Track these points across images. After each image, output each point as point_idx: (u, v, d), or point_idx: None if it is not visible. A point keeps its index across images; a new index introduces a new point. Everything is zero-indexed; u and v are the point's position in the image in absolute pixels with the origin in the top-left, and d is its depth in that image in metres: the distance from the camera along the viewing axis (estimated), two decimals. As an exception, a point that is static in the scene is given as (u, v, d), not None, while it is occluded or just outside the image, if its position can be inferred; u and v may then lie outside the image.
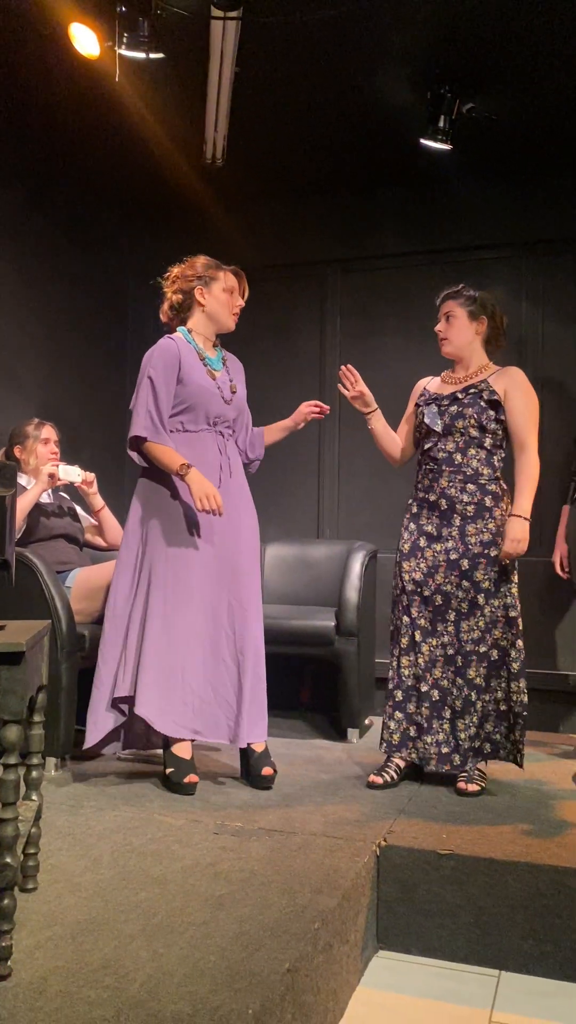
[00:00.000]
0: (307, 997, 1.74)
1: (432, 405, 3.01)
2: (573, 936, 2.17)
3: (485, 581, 2.88)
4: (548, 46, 3.39)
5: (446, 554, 2.93)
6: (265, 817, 2.58)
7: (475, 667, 2.88)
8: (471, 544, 2.90)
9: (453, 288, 3.09)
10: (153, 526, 2.91)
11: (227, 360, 3.11)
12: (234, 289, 3.04)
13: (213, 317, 3.02)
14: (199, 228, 4.83)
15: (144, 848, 2.30)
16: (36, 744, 2.02)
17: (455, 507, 2.93)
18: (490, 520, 2.90)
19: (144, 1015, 1.47)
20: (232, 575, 2.93)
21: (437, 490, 2.97)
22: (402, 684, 2.97)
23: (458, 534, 2.92)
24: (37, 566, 3.10)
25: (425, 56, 3.51)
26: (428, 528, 2.98)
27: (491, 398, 2.93)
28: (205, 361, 2.99)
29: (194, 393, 2.91)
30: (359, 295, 4.79)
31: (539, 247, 4.44)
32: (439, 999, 2.07)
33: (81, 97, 3.73)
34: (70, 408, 4.53)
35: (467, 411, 2.93)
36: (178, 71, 3.55)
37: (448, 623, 2.93)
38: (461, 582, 2.90)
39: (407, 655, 2.96)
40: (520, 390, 2.94)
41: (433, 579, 2.94)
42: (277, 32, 3.33)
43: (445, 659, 2.92)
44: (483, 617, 2.88)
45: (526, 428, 2.93)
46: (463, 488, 2.93)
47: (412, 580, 2.96)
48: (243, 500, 3.02)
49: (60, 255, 4.51)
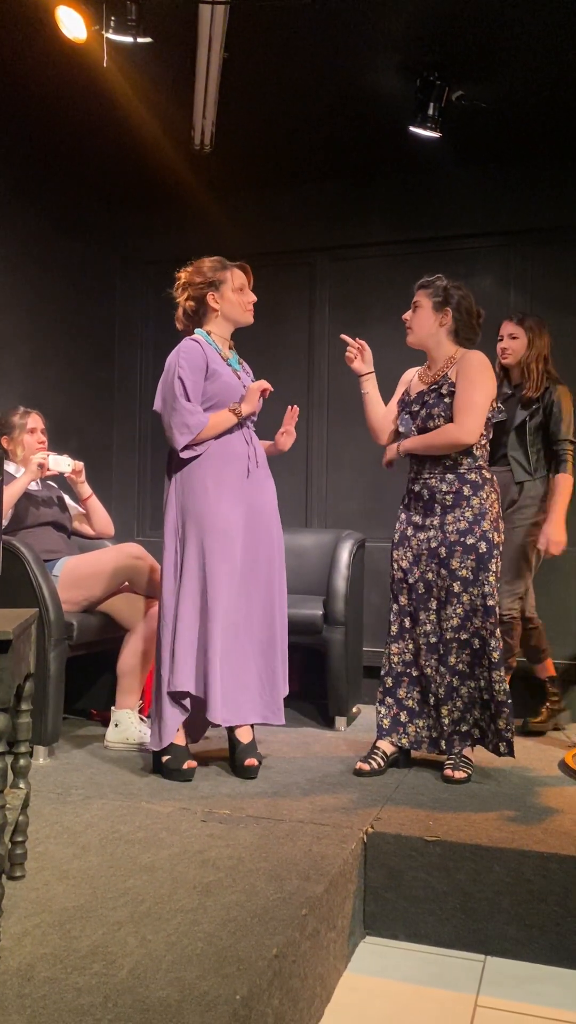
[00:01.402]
0: (294, 982, 1.76)
1: (404, 414, 3.07)
2: (558, 921, 2.19)
3: (462, 569, 2.90)
4: (537, 34, 3.38)
5: (428, 543, 2.97)
6: (253, 805, 2.59)
7: (456, 654, 2.91)
8: (448, 533, 2.94)
9: (428, 278, 3.10)
10: (188, 523, 2.92)
11: (242, 362, 3.15)
12: (243, 285, 3.05)
13: (229, 318, 3.05)
14: (187, 215, 4.81)
15: (132, 836, 2.30)
16: (24, 732, 2.02)
17: (435, 497, 2.97)
18: (467, 509, 2.93)
19: (132, 1001, 1.48)
20: (256, 565, 2.96)
21: (420, 481, 3.02)
22: (392, 671, 3.00)
23: (438, 523, 2.96)
24: (24, 554, 3.09)
25: (414, 43, 3.49)
26: (415, 518, 3.02)
27: (450, 391, 2.95)
28: (228, 363, 3.02)
29: (221, 390, 2.95)
30: (348, 283, 4.77)
31: (527, 236, 4.43)
32: (425, 984, 2.09)
33: (67, 82, 3.69)
34: (56, 396, 4.51)
35: (434, 411, 2.98)
36: (166, 56, 3.52)
37: (430, 611, 2.96)
38: (440, 570, 2.94)
39: (396, 642, 3.01)
40: (465, 377, 2.93)
41: (417, 567, 2.98)
42: (266, 18, 3.31)
43: (428, 647, 2.95)
44: (461, 605, 2.90)
45: (460, 410, 2.91)
46: (443, 478, 2.96)
47: (400, 568, 3.02)
48: (268, 490, 3.06)
49: (46, 242, 4.47)
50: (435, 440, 2.95)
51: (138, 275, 5.09)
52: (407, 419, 3.04)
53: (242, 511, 2.95)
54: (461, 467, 2.96)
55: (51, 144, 4.31)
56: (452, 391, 2.95)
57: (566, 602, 4.17)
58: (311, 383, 4.69)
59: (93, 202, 4.85)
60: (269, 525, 3.02)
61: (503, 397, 3.77)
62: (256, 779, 2.87)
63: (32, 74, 3.69)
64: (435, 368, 3.06)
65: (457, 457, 2.95)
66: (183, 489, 2.96)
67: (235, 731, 2.96)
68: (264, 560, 2.99)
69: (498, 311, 4.45)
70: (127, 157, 4.38)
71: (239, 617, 2.92)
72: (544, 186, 4.37)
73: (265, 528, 3.00)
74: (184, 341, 2.98)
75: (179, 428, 2.89)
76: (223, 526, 2.89)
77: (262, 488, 3.03)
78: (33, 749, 2.94)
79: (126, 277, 5.11)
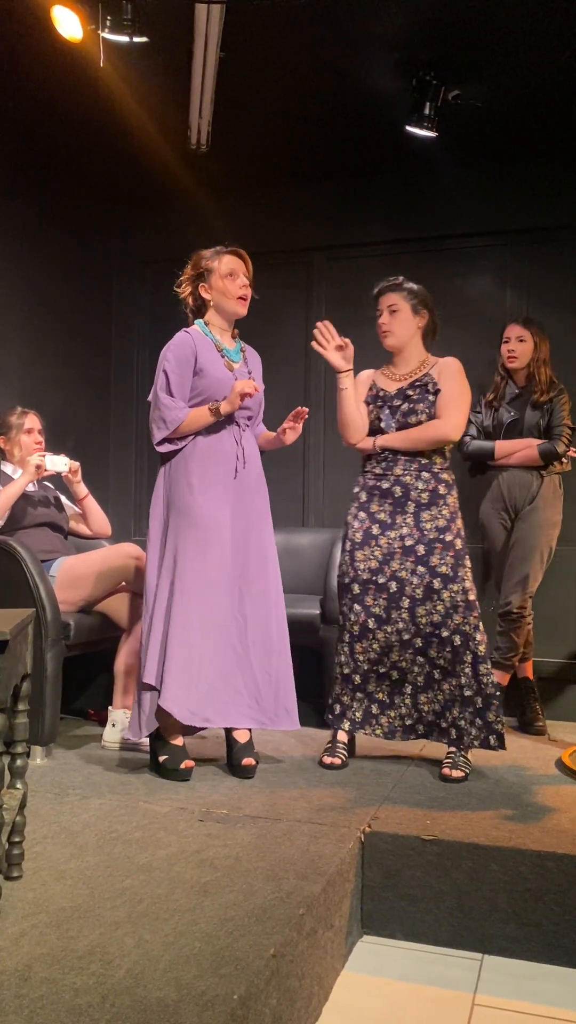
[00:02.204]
0: (292, 982, 1.76)
1: (384, 408, 3.06)
2: (555, 919, 2.19)
3: (442, 566, 2.92)
4: (533, 33, 3.38)
5: (401, 540, 2.97)
6: (250, 804, 2.59)
7: (436, 648, 2.91)
8: (426, 530, 2.95)
9: (392, 281, 3.13)
10: (174, 522, 2.91)
11: (246, 352, 3.10)
12: (234, 271, 2.97)
13: (220, 308, 3.00)
14: (183, 214, 4.80)
15: (129, 836, 2.30)
16: (20, 733, 2.02)
17: (409, 494, 2.98)
18: (444, 507, 2.98)
19: (130, 1001, 1.48)
20: (244, 567, 2.94)
21: (391, 477, 3.02)
22: (359, 669, 3.01)
23: (413, 520, 2.97)
24: (21, 555, 3.09)
25: (411, 43, 3.49)
26: (380, 516, 3.02)
27: (435, 390, 3.02)
28: (223, 352, 2.98)
29: (211, 385, 2.91)
30: (345, 283, 4.77)
31: (524, 235, 4.44)
32: (423, 983, 2.09)
33: (64, 81, 3.69)
34: (54, 395, 4.50)
35: (418, 407, 3.01)
36: (162, 56, 3.51)
37: (402, 610, 2.95)
38: (416, 568, 2.94)
39: (360, 642, 3.00)
40: (451, 378, 3.03)
41: (388, 567, 2.97)
42: (262, 17, 3.31)
43: (401, 643, 2.95)
44: (442, 602, 2.90)
45: (447, 407, 2.99)
46: (418, 476, 2.99)
47: (368, 569, 2.99)
48: (258, 492, 3.02)
49: (43, 242, 4.47)
50: (420, 435, 2.99)
51: (135, 274, 5.08)
52: (387, 415, 3.05)
53: (227, 511, 2.91)
54: (435, 466, 3.02)
55: (48, 144, 4.30)
56: (438, 389, 3.00)
57: (564, 602, 4.18)
58: (308, 382, 4.69)
59: (90, 201, 4.84)
60: (260, 528, 2.99)
61: (509, 398, 3.80)
62: (253, 779, 2.87)
63: (28, 73, 3.68)
64: (407, 368, 3.10)
65: (432, 456, 3.01)
66: (170, 483, 2.95)
67: (232, 731, 2.96)
68: (257, 565, 2.96)
69: (495, 311, 4.47)
70: (124, 156, 4.37)
71: (227, 620, 2.90)
72: (541, 186, 4.37)
73: (256, 531, 2.97)
74: (177, 334, 2.96)
75: (156, 422, 2.91)
76: (202, 523, 2.88)
77: (250, 489, 2.98)
78: (30, 749, 2.94)
79: (123, 276, 5.11)
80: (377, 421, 3.07)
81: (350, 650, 3.01)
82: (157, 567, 2.94)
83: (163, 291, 3.14)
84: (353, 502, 3.10)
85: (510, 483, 3.73)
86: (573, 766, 3.02)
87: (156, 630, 2.88)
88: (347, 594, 3.02)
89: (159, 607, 2.89)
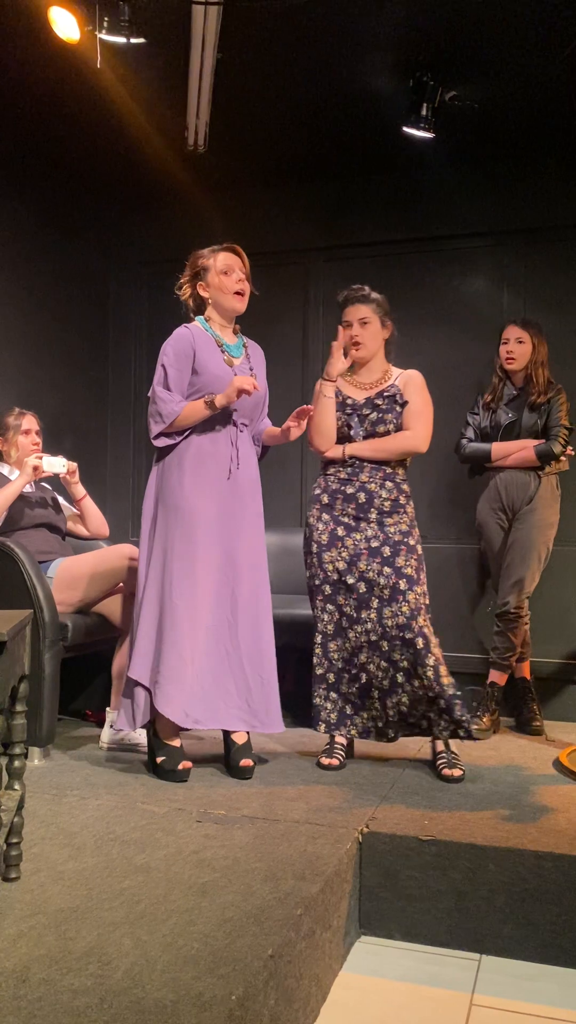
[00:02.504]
0: (290, 982, 1.76)
1: (354, 416, 3.10)
2: (553, 919, 2.19)
3: (407, 568, 2.98)
4: (530, 34, 3.38)
5: (367, 542, 3.02)
6: (248, 805, 2.59)
7: (400, 651, 2.93)
8: (390, 533, 3.02)
9: (358, 291, 3.15)
10: (163, 519, 2.92)
11: (248, 347, 3.09)
12: (229, 267, 2.97)
13: (218, 304, 3.01)
14: (181, 215, 4.80)
15: (127, 836, 2.30)
16: (18, 734, 2.02)
17: (373, 501, 3.05)
18: (404, 515, 3.07)
19: (128, 1002, 1.48)
20: (234, 569, 2.93)
21: (357, 483, 3.07)
22: (333, 667, 3.05)
23: (376, 525, 3.03)
24: (19, 556, 3.09)
25: (408, 43, 3.49)
26: (344, 519, 3.06)
27: (403, 401, 3.09)
28: (223, 348, 2.97)
29: (209, 382, 2.90)
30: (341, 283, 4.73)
31: (520, 236, 4.44)
32: (421, 983, 2.09)
33: (61, 82, 3.69)
34: (51, 396, 4.50)
35: (387, 416, 3.08)
36: (159, 57, 3.51)
37: (371, 610, 2.98)
38: (383, 568, 2.97)
39: (334, 640, 3.04)
40: (418, 391, 3.12)
41: (356, 567, 3.00)
42: (259, 18, 3.31)
43: (369, 644, 2.98)
44: (407, 603, 2.93)
45: (415, 419, 3.08)
46: (382, 484, 3.06)
47: (336, 570, 3.03)
48: (252, 495, 3.02)
49: (41, 242, 4.47)
50: (389, 445, 3.06)
51: (132, 275, 5.08)
52: (356, 422, 3.09)
53: (218, 511, 2.91)
54: (397, 476, 3.10)
55: (44, 145, 4.30)
56: (406, 401, 3.08)
57: (562, 602, 4.18)
58: (305, 383, 4.68)
59: (87, 202, 4.84)
60: (252, 530, 2.98)
61: (507, 399, 3.80)
62: (251, 779, 2.87)
63: (25, 74, 3.68)
64: (371, 378, 3.15)
65: (395, 466, 3.10)
66: (162, 480, 2.95)
67: (231, 732, 2.96)
68: (248, 567, 2.96)
69: (492, 311, 4.47)
70: (121, 157, 4.37)
71: (218, 621, 2.90)
72: (538, 186, 4.37)
73: (247, 533, 2.97)
74: (177, 329, 2.97)
75: (153, 416, 2.91)
76: (191, 521, 2.88)
77: (243, 491, 2.97)
78: (28, 750, 2.94)
79: (120, 277, 5.10)
80: (347, 428, 3.10)
81: (324, 650, 3.05)
82: (147, 563, 2.95)
83: (160, 292, 3.15)
84: (314, 504, 3.13)
85: (507, 484, 3.73)
86: (571, 766, 3.03)
87: (145, 626, 2.89)
88: (319, 595, 3.06)
89: (148, 604, 2.90)
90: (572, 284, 4.33)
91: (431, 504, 4.45)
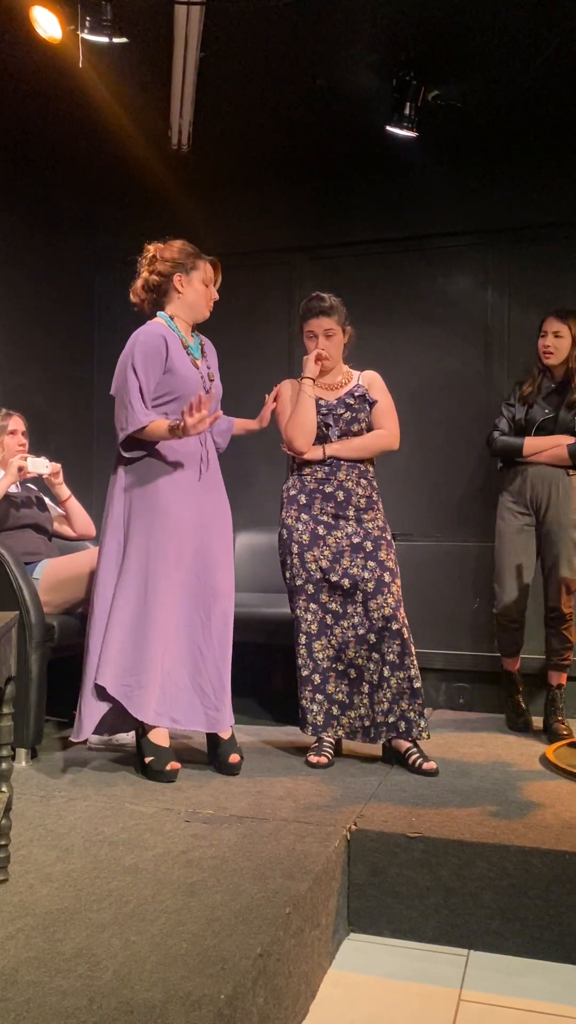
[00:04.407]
0: (279, 981, 1.76)
1: (329, 416, 3.12)
2: (539, 914, 2.21)
3: (389, 561, 3.04)
4: (513, 33, 3.40)
5: (348, 539, 3.06)
6: (236, 804, 2.59)
7: (387, 643, 2.97)
8: (370, 529, 3.08)
9: (320, 303, 3.14)
10: (134, 518, 2.90)
11: (204, 345, 3.10)
12: (211, 281, 3.03)
13: (192, 307, 3.01)
14: (165, 215, 4.78)
15: (115, 837, 2.30)
16: (5, 736, 2.02)
17: (351, 499, 3.09)
18: (378, 512, 3.14)
19: (116, 1003, 1.48)
20: (205, 567, 2.93)
21: (335, 482, 3.10)
22: (318, 668, 3.06)
23: (355, 521, 3.08)
24: (5, 557, 3.08)
25: (390, 42, 3.50)
26: (324, 518, 3.09)
27: (372, 400, 3.16)
28: (188, 349, 2.97)
29: (181, 384, 2.89)
30: (326, 283, 4.75)
31: (505, 234, 4.46)
32: (410, 980, 2.10)
33: (43, 82, 3.68)
34: (35, 397, 4.49)
35: (360, 415, 3.14)
36: (142, 56, 3.51)
37: (357, 604, 3.02)
38: (367, 563, 3.02)
39: (319, 639, 3.06)
40: (383, 391, 3.20)
41: (339, 564, 3.04)
42: (242, 17, 3.31)
43: (357, 639, 3.01)
44: (391, 595, 2.99)
45: (385, 418, 3.16)
46: (358, 482, 3.11)
47: (320, 568, 3.05)
48: (219, 493, 3.04)
49: (24, 243, 4.45)
50: (367, 443, 3.13)
51: (116, 275, 5.05)
52: (332, 422, 3.13)
53: (192, 514, 2.91)
54: (369, 473, 3.16)
55: (27, 144, 4.29)
56: (374, 401, 3.15)
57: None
58: (291, 382, 4.69)
59: (70, 202, 4.83)
60: (221, 529, 3.00)
61: (545, 393, 3.70)
62: (239, 778, 2.87)
63: (7, 74, 3.66)
64: (335, 379, 3.20)
65: (367, 464, 3.15)
66: (132, 483, 2.92)
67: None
68: (220, 565, 2.96)
69: (476, 310, 4.50)
70: (104, 157, 4.36)
71: (191, 620, 2.90)
72: (522, 185, 4.39)
73: (217, 532, 2.98)
74: (146, 325, 2.93)
75: (119, 422, 2.89)
76: (173, 528, 2.87)
77: (213, 491, 3.00)
78: (15, 752, 2.93)
79: (104, 277, 5.09)
80: (324, 429, 3.12)
81: (308, 651, 3.06)
82: (116, 566, 2.90)
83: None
84: (290, 504, 3.13)
85: (535, 479, 3.64)
86: (557, 762, 3.05)
87: (117, 630, 2.83)
88: (301, 595, 3.07)
89: (122, 610, 2.84)
90: (556, 282, 4.35)
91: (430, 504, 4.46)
